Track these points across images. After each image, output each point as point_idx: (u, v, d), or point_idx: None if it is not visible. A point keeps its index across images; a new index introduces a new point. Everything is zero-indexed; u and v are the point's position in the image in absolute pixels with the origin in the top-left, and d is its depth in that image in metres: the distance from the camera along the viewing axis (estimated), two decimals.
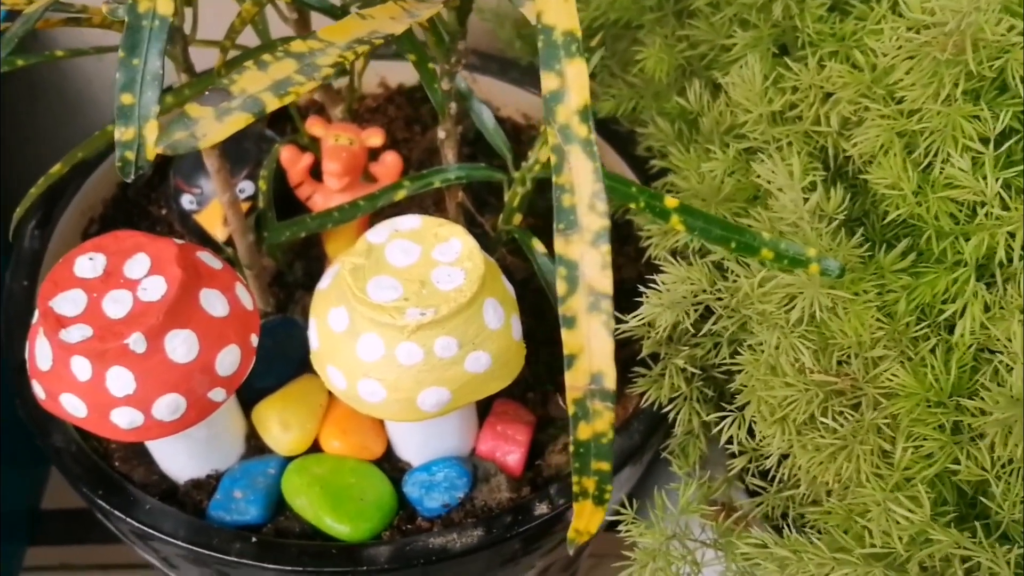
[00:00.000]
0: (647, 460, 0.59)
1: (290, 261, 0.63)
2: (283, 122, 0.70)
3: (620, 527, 0.55)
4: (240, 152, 0.63)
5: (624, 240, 0.67)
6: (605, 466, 0.34)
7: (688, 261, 0.52)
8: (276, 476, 0.55)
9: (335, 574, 0.52)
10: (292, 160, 0.59)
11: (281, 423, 0.55)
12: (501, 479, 0.56)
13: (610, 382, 0.33)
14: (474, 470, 0.56)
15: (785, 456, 0.52)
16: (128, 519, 0.53)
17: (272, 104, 0.34)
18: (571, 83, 0.33)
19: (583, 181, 0.33)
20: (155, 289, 0.48)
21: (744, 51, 0.51)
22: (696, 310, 0.50)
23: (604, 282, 0.33)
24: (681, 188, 0.55)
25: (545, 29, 0.34)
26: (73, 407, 0.48)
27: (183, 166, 0.64)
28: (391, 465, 0.57)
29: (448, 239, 0.50)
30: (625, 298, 0.58)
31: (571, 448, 0.34)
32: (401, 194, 0.55)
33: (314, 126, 0.59)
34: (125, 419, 0.48)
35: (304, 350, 0.59)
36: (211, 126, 0.33)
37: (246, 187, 0.62)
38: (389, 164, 0.59)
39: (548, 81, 0.34)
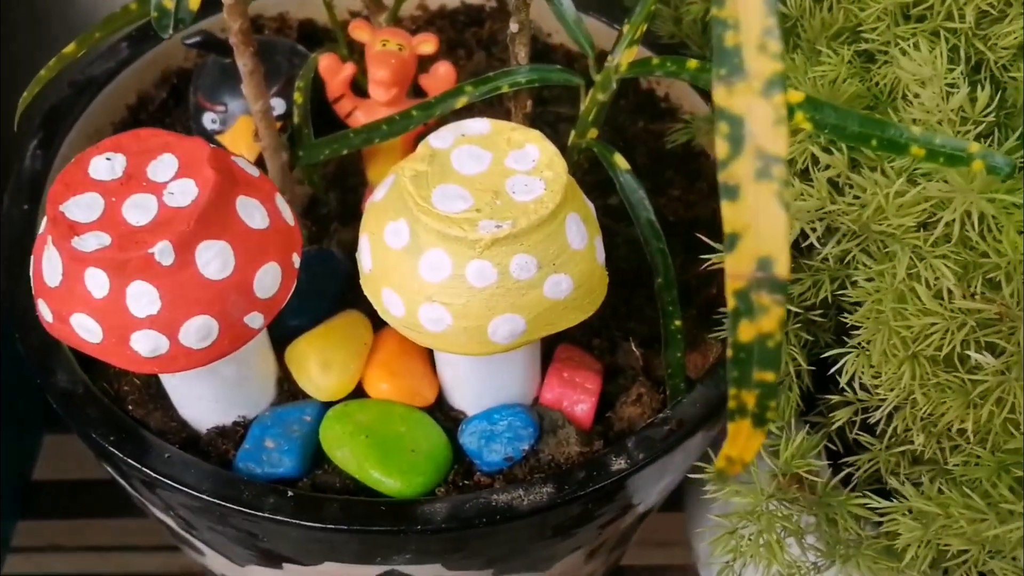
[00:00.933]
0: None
1: (324, 190, 0.56)
2: (313, 45, 0.63)
3: (709, 487, 0.49)
4: (270, 66, 0.56)
5: (695, 175, 0.60)
6: (770, 376, 0.27)
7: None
8: (313, 424, 0.48)
9: (385, 534, 0.45)
10: (332, 69, 0.52)
11: (321, 363, 0.48)
12: (570, 431, 0.49)
13: (782, 269, 0.26)
14: (539, 420, 0.49)
15: (896, 408, 0.46)
16: (144, 469, 0.46)
17: None
18: None
19: (751, 14, 0.26)
20: (184, 193, 0.41)
21: None
22: (814, 230, 0.43)
23: (777, 142, 0.26)
24: None
25: None
26: (86, 330, 0.41)
27: (205, 81, 0.57)
28: (443, 414, 0.50)
29: (523, 145, 0.43)
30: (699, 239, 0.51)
31: (729, 352, 0.27)
32: (462, 100, 0.48)
33: (359, 30, 0.52)
34: (147, 344, 0.41)
35: (342, 286, 0.53)
36: None
37: (276, 105, 0.55)
38: (442, 75, 0.52)
39: None
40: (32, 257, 0.43)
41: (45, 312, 0.42)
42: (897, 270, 0.41)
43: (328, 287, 0.52)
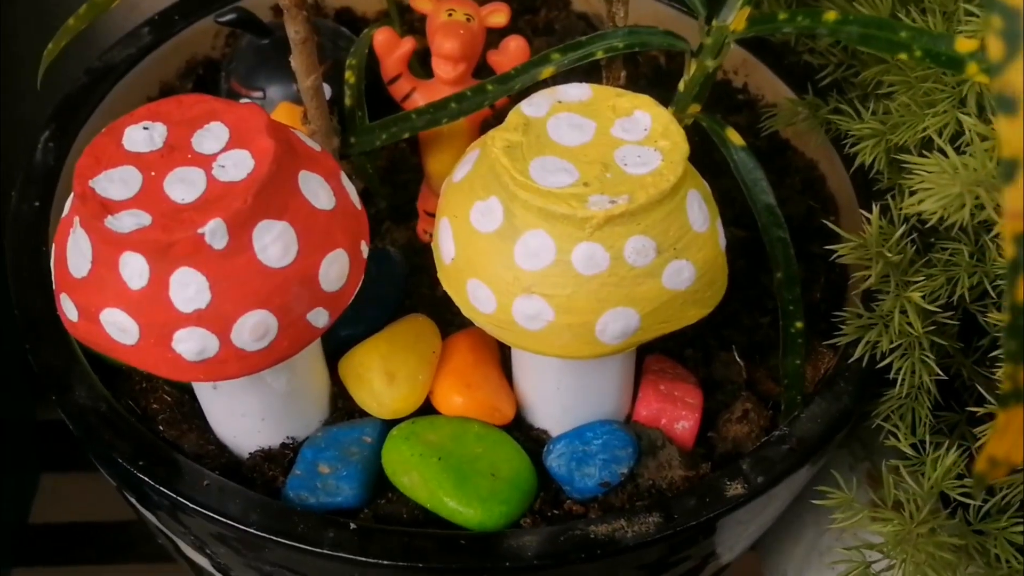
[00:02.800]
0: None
1: (378, 183, 0.50)
2: (357, 27, 0.56)
3: (837, 514, 0.42)
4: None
5: (783, 170, 0.54)
6: None
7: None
8: (374, 446, 0.42)
9: (466, 572, 0.38)
10: (388, 45, 0.46)
11: (385, 374, 0.41)
12: (672, 452, 0.42)
13: None
14: (637, 438, 0.42)
15: None
16: (179, 498, 0.39)
17: None
18: None
19: None
20: (238, 166, 0.35)
21: None
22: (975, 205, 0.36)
23: None
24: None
25: None
26: (119, 328, 0.34)
27: (240, 66, 0.51)
28: (522, 433, 0.43)
29: (631, 112, 0.37)
30: (798, 238, 0.45)
31: (1005, 317, 0.21)
32: (548, 71, 0.41)
33: (421, 0, 0.45)
34: (193, 345, 0.34)
35: (400, 291, 0.46)
36: None
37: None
38: (513, 51, 0.46)
39: None
40: (53, 247, 0.37)
41: (69, 309, 0.35)
42: None
43: (386, 292, 0.46)
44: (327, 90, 0.49)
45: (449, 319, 0.45)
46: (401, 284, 0.46)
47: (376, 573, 0.39)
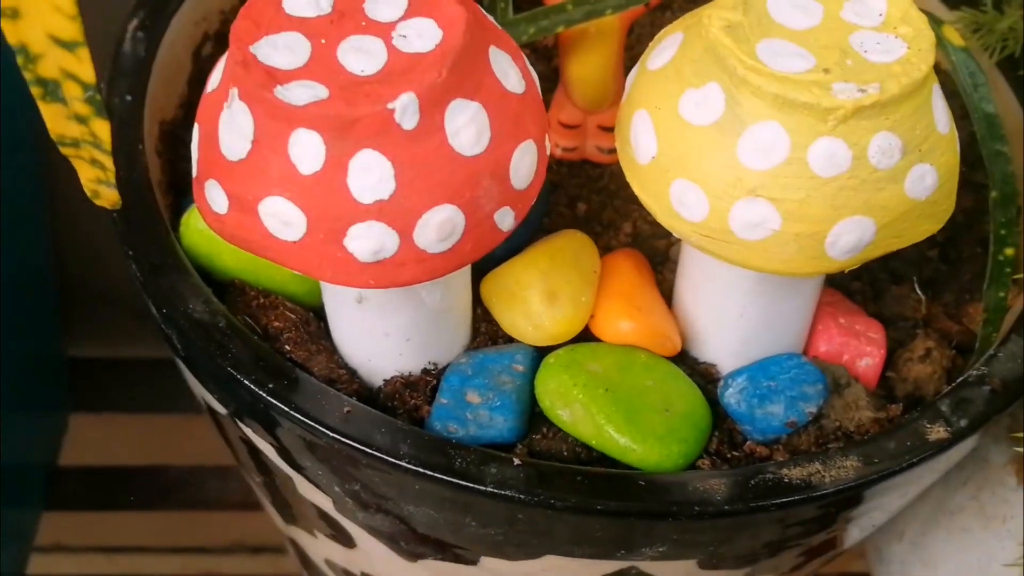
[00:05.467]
0: None
1: None
2: None
3: None
4: None
5: None
6: None
7: None
8: (527, 375, 0.37)
9: (647, 517, 0.34)
10: None
11: (547, 294, 0.36)
12: (858, 391, 0.38)
13: None
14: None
15: None
16: (320, 428, 0.34)
17: None
18: None
19: None
20: (423, 36, 0.30)
21: None
22: None
23: None
24: None
25: None
26: (282, 221, 0.29)
27: None
28: (688, 367, 0.39)
29: None
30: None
31: None
32: None
33: None
34: (370, 244, 0.29)
35: (543, 207, 0.41)
36: None
37: None
38: None
39: None
40: (197, 126, 0.31)
41: (216, 199, 0.30)
42: None
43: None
44: None
45: (594, 241, 0.41)
46: (542, 201, 0.42)
47: (542, 516, 0.34)
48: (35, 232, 0.63)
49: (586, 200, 0.43)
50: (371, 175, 0.28)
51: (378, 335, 0.36)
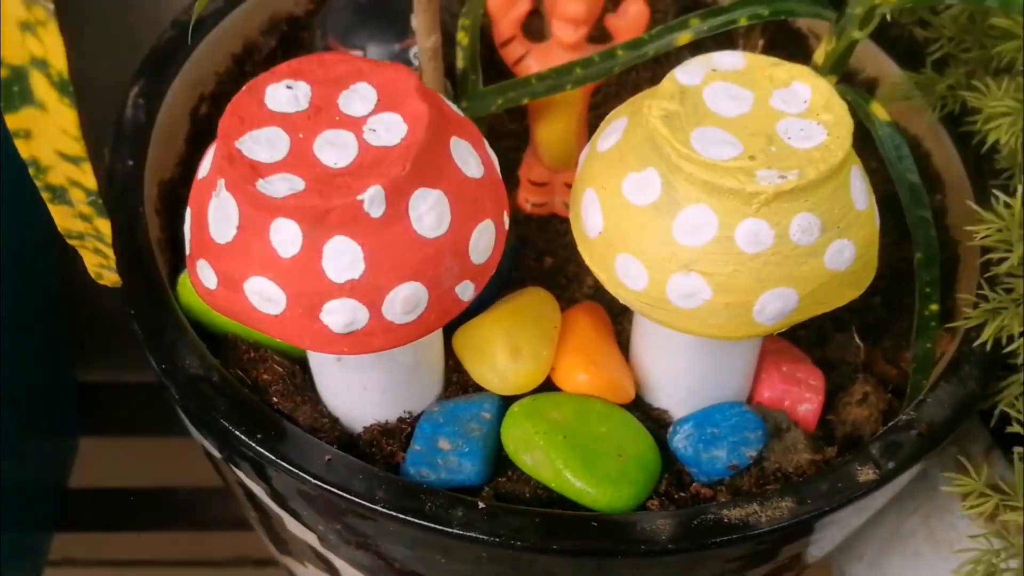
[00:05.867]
0: None
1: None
2: None
3: (969, 500, 0.41)
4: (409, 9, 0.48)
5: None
6: None
7: None
8: (493, 422, 0.40)
9: (598, 555, 0.37)
10: (503, 6, 0.44)
11: (510, 349, 0.40)
12: (797, 435, 0.41)
13: None
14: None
15: None
16: (303, 475, 0.38)
17: None
18: None
19: None
20: (390, 131, 0.33)
21: None
22: None
23: None
24: None
25: None
26: (265, 298, 0.33)
27: (338, 22, 0.49)
28: (642, 413, 0.42)
29: (789, 83, 0.36)
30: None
31: None
32: (685, 37, 0.40)
33: None
34: (343, 317, 0.33)
35: (511, 263, 0.45)
36: None
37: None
38: (633, 15, 0.44)
39: None
40: (189, 209, 0.35)
41: (207, 276, 0.34)
42: None
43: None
44: None
45: (557, 293, 0.44)
46: (513, 256, 0.45)
47: (504, 554, 0.37)
48: (45, 263, 0.66)
49: (552, 254, 0.47)
50: (343, 258, 0.32)
51: (357, 389, 0.39)
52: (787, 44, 0.54)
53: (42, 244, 0.66)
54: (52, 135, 0.26)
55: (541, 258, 0.47)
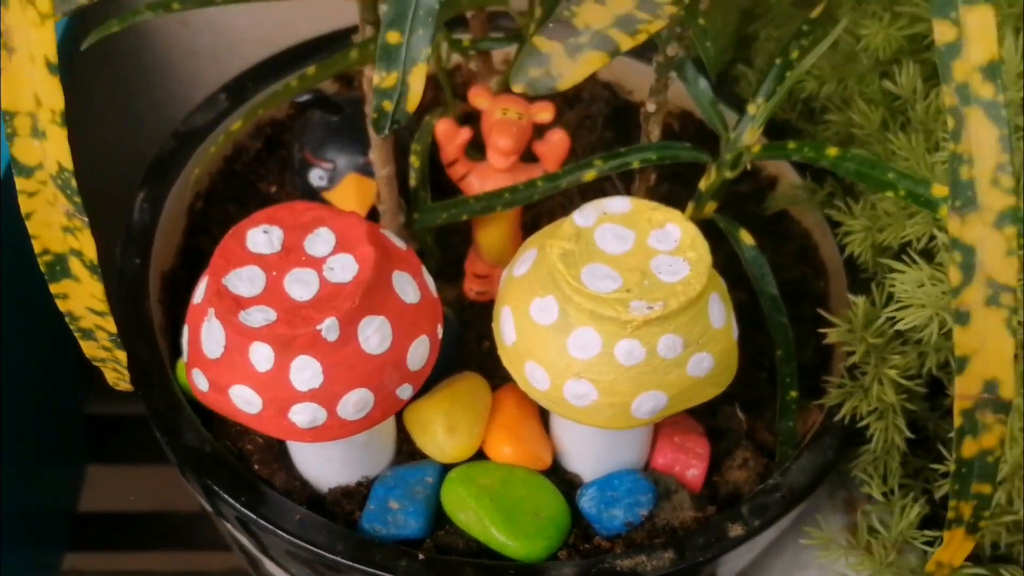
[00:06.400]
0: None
1: (433, 247, 0.57)
2: None
3: (819, 553, 0.50)
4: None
5: (782, 237, 0.62)
6: (987, 488, 0.29)
7: (909, 260, 0.47)
8: (435, 485, 0.50)
9: None
10: (449, 134, 0.53)
11: (447, 427, 0.49)
12: (683, 496, 0.50)
13: (1007, 391, 0.28)
14: (655, 485, 0.50)
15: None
16: (277, 531, 0.47)
17: (625, 43, 0.28)
18: (971, 33, 0.28)
19: (986, 151, 0.28)
20: (345, 269, 0.42)
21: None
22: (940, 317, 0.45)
23: (1008, 271, 0.28)
24: None
25: None
26: (245, 401, 0.42)
27: (312, 138, 0.58)
28: (558, 476, 0.51)
29: (664, 225, 0.45)
30: (793, 301, 0.53)
31: (951, 467, 0.29)
32: (591, 174, 0.49)
33: (479, 97, 0.53)
34: (306, 417, 0.42)
35: (454, 347, 0.54)
36: (564, 64, 0.27)
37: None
38: (555, 143, 0.53)
39: (942, 31, 0.29)
40: (187, 327, 0.44)
41: (201, 382, 0.43)
42: None
43: (443, 349, 0.53)
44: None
45: (493, 372, 0.53)
46: (455, 341, 0.54)
47: None
48: (54, 307, 0.74)
49: (490, 338, 0.56)
50: (306, 373, 0.41)
51: (322, 460, 0.49)
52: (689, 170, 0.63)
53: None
54: (84, 298, 0.36)
55: (481, 341, 0.56)
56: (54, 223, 0.33)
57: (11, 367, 0.61)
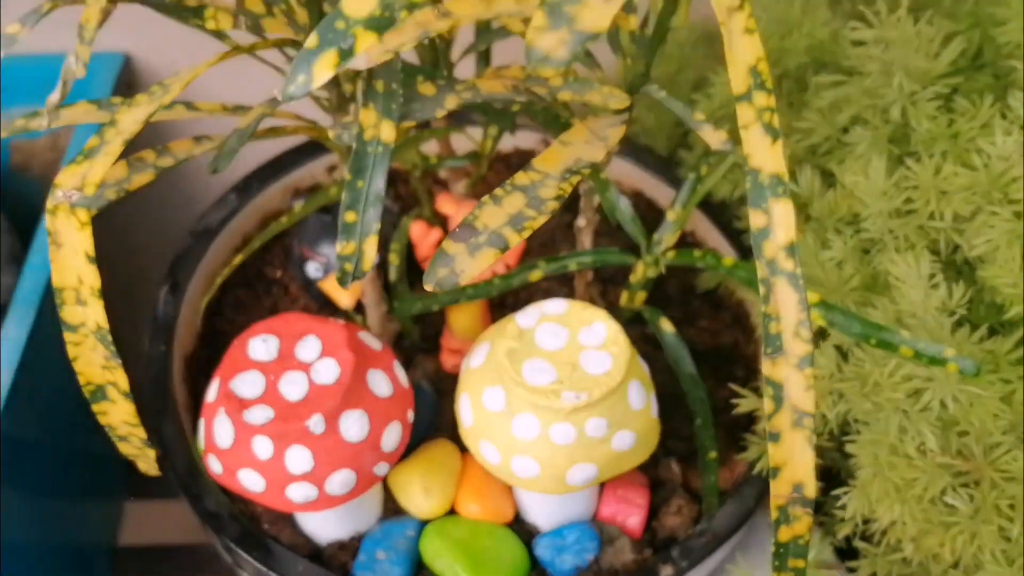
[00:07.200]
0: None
1: (411, 327, 0.67)
2: (393, 185, 0.73)
3: None
4: None
5: (718, 305, 0.71)
6: (800, 563, 0.39)
7: None
8: (415, 538, 0.59)
9: None
10: (422, 235, 0.63)
11: (423, 489, 0.59)
12: (624, 542, 0.60)
13: (810, 491, 0.37)
14: (600, 533, 0.60)
15: (892, 523, 0.57)
16: None
17: (513, 239, 0.38)
18: (777, 221, 0.37)
19: (789, 311, 0.37)
20: (328, 372, 0.52)
21: (867, 151, 0.55)
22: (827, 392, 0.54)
23: (807, 402, 0.37)
24: None
25: (752, 171, 0.38)
26: (251, 483, 0.52)
27: (309, 235, 0.68)
28: (520, 528, 0.61)
29: (592, 323, 0.54)
30: (727, 364, 0.62)
31: (773, 548, 0.38)
32: (536, 275, 0.59)
33: (445, 204, 0.63)
34: (300, 494, 0.52)
35: (431, 416, 0.63)
36: (466, 262, 0.37)
37: None
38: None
39: (756, 219, 0.38)
40: (202, 420, 0.54)
41: (215, 465, 0.53)
42: (886, 428, 0.52)
43: (421, 417, 0.63)
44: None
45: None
46: (432, 410, 0.64)
47: None
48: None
49: None
50: (299, 459, 0.51)
51: (320, 520, 0.59)
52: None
53: None
54: (120, 415, 0.46)
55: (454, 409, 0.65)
56: (95, 363, 0.43)
57: (53, 408, 0.69)
